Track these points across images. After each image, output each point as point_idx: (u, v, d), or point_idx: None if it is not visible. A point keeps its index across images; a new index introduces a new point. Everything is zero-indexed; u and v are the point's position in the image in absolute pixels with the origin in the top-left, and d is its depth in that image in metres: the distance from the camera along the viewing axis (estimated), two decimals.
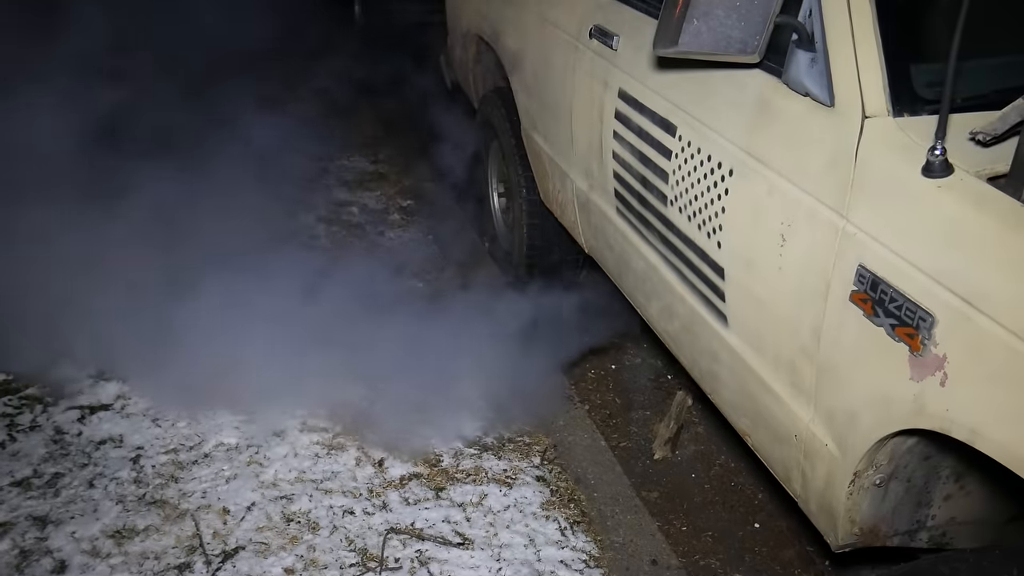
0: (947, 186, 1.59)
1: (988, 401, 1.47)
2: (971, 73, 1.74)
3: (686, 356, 2.51)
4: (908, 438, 1.74)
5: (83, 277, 3.12)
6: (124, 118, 3.91)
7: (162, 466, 2.72)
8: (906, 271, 1.61)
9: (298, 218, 4.15)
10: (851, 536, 1.92)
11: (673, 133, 2.32)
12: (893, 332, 1.64)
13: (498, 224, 4.14)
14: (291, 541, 2.48)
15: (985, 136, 1.58)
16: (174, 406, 2.95)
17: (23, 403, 2.96)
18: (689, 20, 1.81)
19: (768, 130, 2.00)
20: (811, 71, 1.89)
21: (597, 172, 2.82)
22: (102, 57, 3.95)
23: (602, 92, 2.71)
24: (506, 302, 3.26)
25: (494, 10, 3.66)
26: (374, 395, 2.92)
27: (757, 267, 2.02)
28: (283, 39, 6.82)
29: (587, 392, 3.38)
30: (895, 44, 1.78)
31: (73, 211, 3.32)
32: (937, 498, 1.88)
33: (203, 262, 3.28)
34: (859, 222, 1.72)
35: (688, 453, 3.12)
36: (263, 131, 4.15)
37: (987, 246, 1.50)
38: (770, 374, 2.04)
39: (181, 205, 3.49)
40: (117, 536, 2.47)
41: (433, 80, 5.15)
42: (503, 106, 3.69)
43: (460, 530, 2.56)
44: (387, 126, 5.66)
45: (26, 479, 2.65)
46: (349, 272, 3.35)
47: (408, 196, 4.67)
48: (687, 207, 2.27)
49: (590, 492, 2.76)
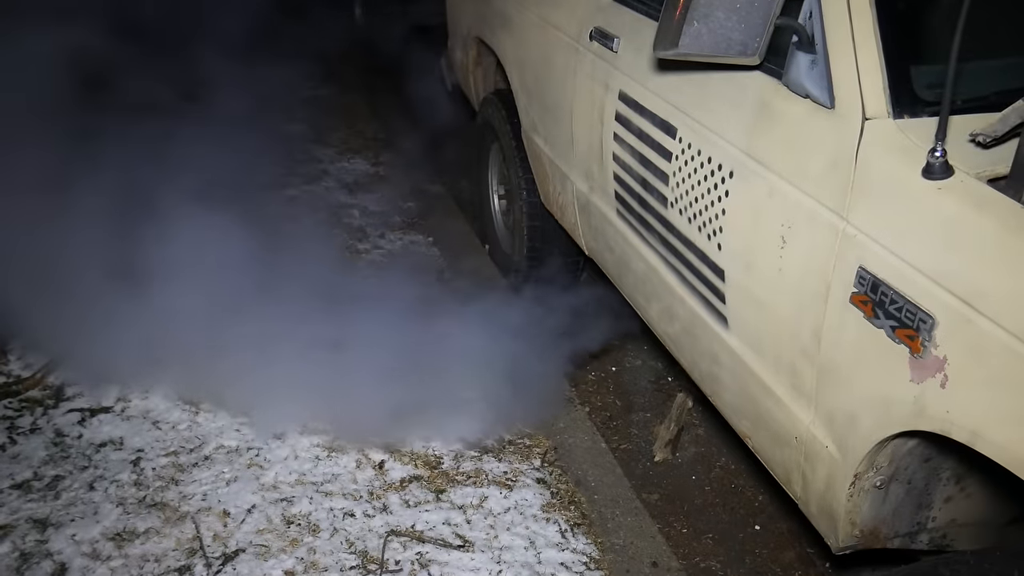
0: (947, 188, 1.59)
1: (988, 403, 1.47)
2: (971, 75, 1.74)
3: (686, 358, 2.51)
4: (909, 440, 1.74)
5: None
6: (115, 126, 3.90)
7: (162, 468, 2.72)
8: (906, 273, 1.61)
9: (299, 221, 4.15)
10: (852, 538, 1.92)
11: (673, 135, 2.32)
12: (893, 334, 1.64)
13: (498, 226, 4.14)
14: (291, 543, 2.48)
15: (985, 138, 1.58)
16: (174, 408, 2.96)
17: (23, 405, 2.96)
18: (689, 22, 1.81)
19: (768, 132, 2.00)
20: (811, 73, 1.89)
21: (597, 174, 2.82)
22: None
23: (602, 94, 2.71)
24: (506, 304, 3.26)
25: (494, 13, 3.66)
26: (375, 397, 2.91)
27: (757, 269, 2.02)
28: (282, 41, 6.83)
29: (587, 394, 3.38)
30: (895, 46, 1.78)
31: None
32: (938, 500, 1.88)
33: (198, 262, 3.29)
34: (859, 224, 1.72)
35: (689, 455, 3.12)
36: (258, 132, 4.15)
37: (987, 248, 1.50)
38: (770, 376, 2.04)
39: (171, 191, 3.49)
40: (117, 539, 2.47)
41: (434, 82, 5.15)
42: (503, 108, 3.70)
43: (460, 532, 2.56)
44: (388, 128, 5.66)
45: (26, 481, 2.65)
46: (349, 274, 3.35)
47: (409, 199, 4.67)
48: (687, 209, 2.27)
49: (590, 494, 2.76)
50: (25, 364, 3.13)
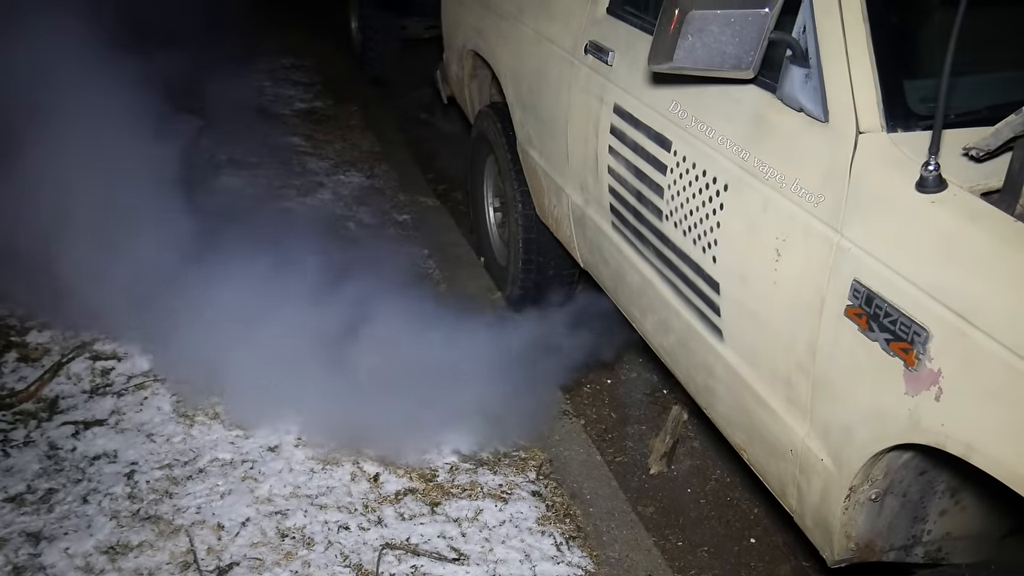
0: (941, 201, 1.60)
1: (983, 416, 1.47)
2: (964, 89, 1.75)
3: (681, 370, 2.51)
4: (903, 453, 1.74)
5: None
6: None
7: (156, 481, 2.71)
8: (901, 286, 1.61)
9: (294, 232, 4.15)
10: (847, 551, 1.91)
11: (668, 148, 2.33)
12: (888, 347, 1.64)
13: (494, 239, 4.15)
14: (286, 557, 2.47)
15: (978, 152, 1.59)
16: (168, 421, 2.95)
17: (17, 418, 2.95)
18: (684, 36, 1.82)
19: (763, 145, 2.01)
20: (805, 87, 1.90)
21: (592, 187, 2.83)
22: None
23: (597, 107, 2.72)
24: (501, 317, 3.26)
25: (489, 26, 3.67)
26: (369, 410, 2.91)
27: (752, 282, 2.02)
28: (277, 53, 6.85)
29: (583, 407, 3.38)
30: (889, 60, 1.79)
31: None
32: (933, 513, 1.88)
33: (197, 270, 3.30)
34: (854, 237, 1.73)
35: (684, 468, 3.11)
36: (253, 145, 4.16)
37: (981, 261, 1.51)
38: (765, 388, 2.04)
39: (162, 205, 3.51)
40: (111, 552, 2.45)
41: (429, 95, 5.17)
42: (499, 121, 3.70)
43: (455, 545, 2.55)
44: (383, 141, 5.67)
45: (20, 495, 2.64)
46: (344, 286, 3.35)
47: (404, 211, 4.68)
48: (682, 222, 2.27)
49: (586, 507, 2.76)
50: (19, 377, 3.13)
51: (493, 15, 3.62)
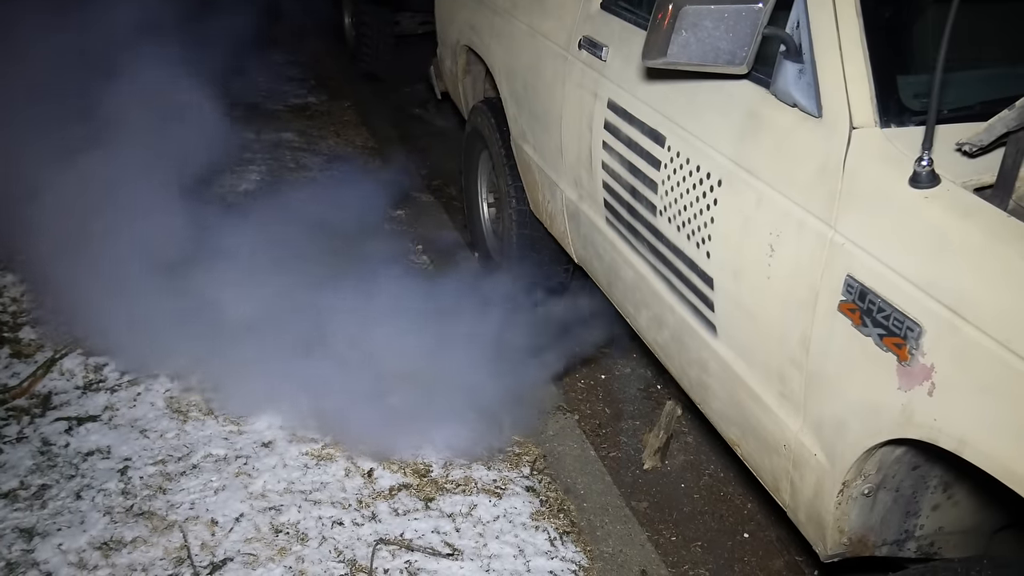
0: (934, 196, 1.60)
1: (975, 411, 1.48)
2: (957, 84, 1.75)
3: (675, 366, 2.51)
4: (896, 448, 1.75)
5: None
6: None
7: (150, 477, 2.71)
8: (894, 281, 1.62)
9: (287, 228, 4.14)
10: (840, 546, 1.92)
11: (662, 144, 2.33)
12: (881, 342, 1.64)
13: (487, 234, 4.14)
14: (280, 552, 2.47)
15: (972, 147, 1.59)
16: (162, 416, 2.95)
17: (10, 414, 2.94)
18: (677, 32, 1.82)
19: (756, 141, 2.01)
20: (799, 82, 1.90)
21: (586, 182, 2.83)
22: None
23: (591, 103, 2.72)
24: (495, 312, 3.26)
25: (483, 21, 3.67)
26: (364, 405, 2.91)
27: (746, 277, 2.02)
28: (270, 50, 6.82)
29: (577, 402, 3.38)
30: (882, 55, 1.79)
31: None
32: (925, 508, 1.89)
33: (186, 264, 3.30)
34: (847, 232, 1.73)
35: (677, 463, 3.12)
36: (246, 140, 4.14)
37: (974, 256, 1.51)
38: (759, 384, 2.04)
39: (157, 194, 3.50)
40: (104, 548, 2.45)
41: (423, 91, 5.16)
42: (492, 116, 3.70)
43: (449, 541, 2.55)
44: (377, 136, 5.67)
45: (12, 491, 2.63)
46: (337, 282, 3.35)
47: (398, 206, 4.67)
48: (676, 217, 2.27)
49: (580, 502, 2.76)
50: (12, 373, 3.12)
51: (487, 10, 3.62)
